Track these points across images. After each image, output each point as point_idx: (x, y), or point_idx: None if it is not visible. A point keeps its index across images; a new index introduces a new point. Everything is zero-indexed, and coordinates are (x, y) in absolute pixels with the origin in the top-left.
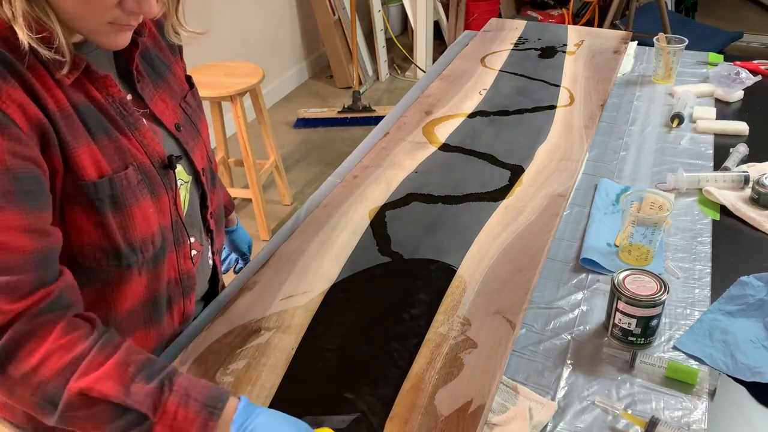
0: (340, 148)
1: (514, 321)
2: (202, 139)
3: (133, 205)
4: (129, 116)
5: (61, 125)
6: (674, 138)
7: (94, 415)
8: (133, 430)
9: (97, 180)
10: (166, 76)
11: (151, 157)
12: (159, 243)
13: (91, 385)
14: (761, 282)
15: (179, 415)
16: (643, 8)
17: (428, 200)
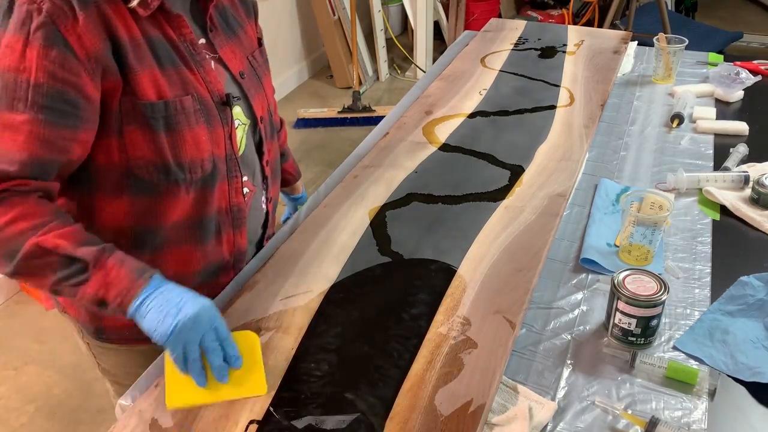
0: (340, 148)
1: (514, 321)
2: (264, 90)
3: (184, 129)
4: (196, 55)
5: (128, 51)
6: (674, 138)
7: (44, 264)
8: (73, 279)
9: (155, 101)
10: (238, 32)
11: (212, 92)
12: (209, 168)
13: (47, 239)
14: (761, 282)
15: (113, 271)
16: (643, 8)
17: (428, 200)
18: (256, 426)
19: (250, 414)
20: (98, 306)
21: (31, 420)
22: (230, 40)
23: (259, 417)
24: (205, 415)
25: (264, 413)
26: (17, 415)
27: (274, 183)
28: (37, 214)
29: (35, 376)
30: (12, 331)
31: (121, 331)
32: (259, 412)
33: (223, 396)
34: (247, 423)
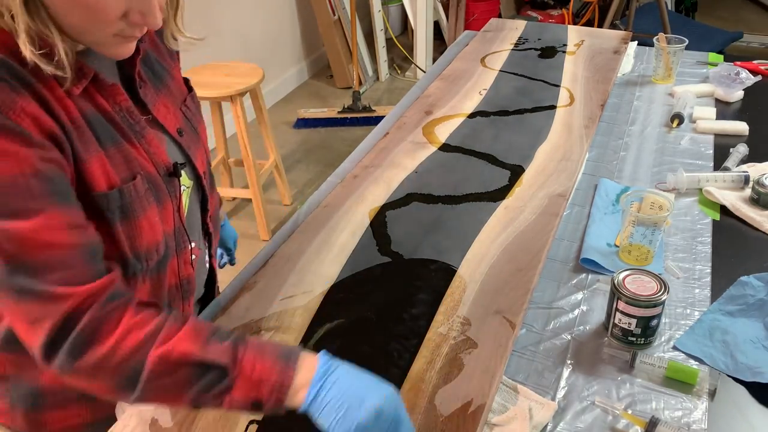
0: (340, 148)
1: (514, 321)
2: (202, 142)
3: (140, 215)
4: (136, 124)
5: (73, 137)
6: (674, 138)
7: (176, 380)
8: (215, 388)
9: (108, 191)
10: (167, 81)
11: (157, 165)
12: (163, 251)
13: (171, 349)
14: (761, 282)
15: (257, 366)
16: (643, 8)
17: (428, 200)
18: (256, 426)
19: (250, 414)
20: (252, 408)
21: None
22: (160, 92)
23: (259, 417)
24: (206, 415)
25: None
26: None
27: (216, 236)
28: (147, 319)
29: None
30: None
31: None
32: None
33: None
34: (247, 423)
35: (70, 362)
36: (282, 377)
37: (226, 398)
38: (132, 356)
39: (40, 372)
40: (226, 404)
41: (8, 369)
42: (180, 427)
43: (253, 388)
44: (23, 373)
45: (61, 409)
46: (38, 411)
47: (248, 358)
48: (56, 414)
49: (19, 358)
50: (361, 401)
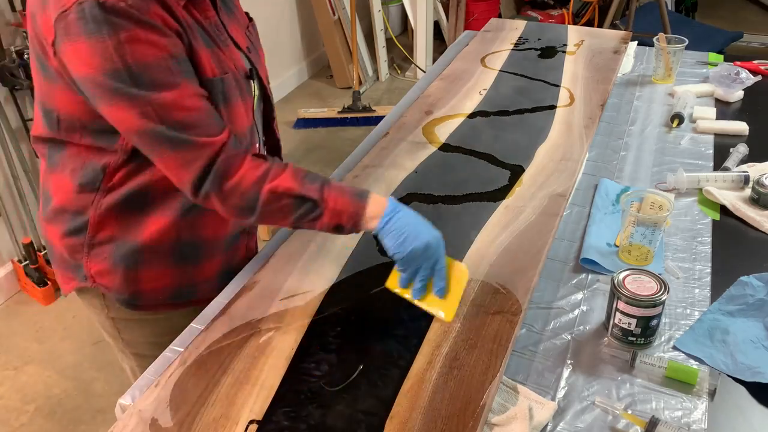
0: (340, 148)
1: (514, 321)
2: (262, 62)
3: (234, 102)
4: (221, 34)
5: (190, 33)
6: (674, 138)
7: (282, 207)
8: (309, 215)
9: (213, 78)
10: (234, 10)
11: (238, 68)
12: (248, 139)
13: (278, 184)
14: (761, 282)
15: (340, 201)
16: (643, 8)
17: (428, 200)
18: (256, 426)
19: (250, 414)
20: (336, 231)
21: (31, 420)
22: (231, 18)
23: (259, 417)
24: (205, 415)
25: (264, 413)
26: (17, 415)
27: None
28: (261, 164)
29: (35, 376)
30: (12, 331)
31: (156, 294)
32: (259, 412)
33: (419, 302)
34: (247, 423)
35: (213, 190)
36: (356, 208)
37: (318, 223)
38: (252, 188)
39: (140, 233)
40: (318, 226)
41: (116, 231)
42: (180, 427)
43: (335, 216)
44: (128, 234)
45: (154, 268)
46: (135, 269)
47: (332, 194)
48: (149, 273)
49: (128, 220)
50: (417, 234)
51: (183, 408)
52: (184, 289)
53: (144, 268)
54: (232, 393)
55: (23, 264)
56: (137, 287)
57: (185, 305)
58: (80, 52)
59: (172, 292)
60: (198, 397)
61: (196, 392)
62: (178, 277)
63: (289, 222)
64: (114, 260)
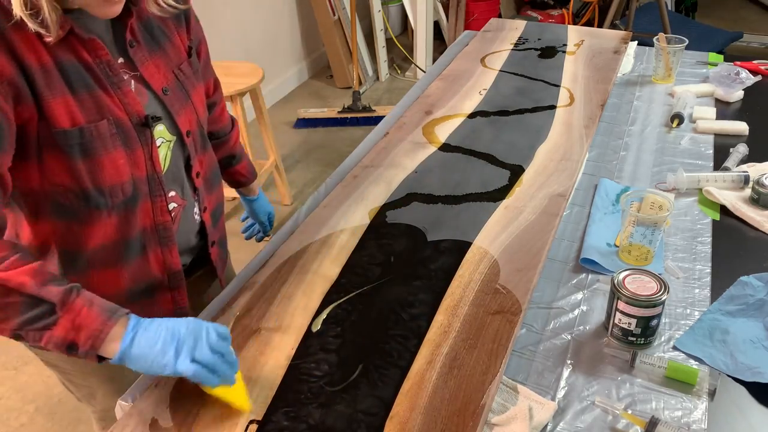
0: (340, 148)
1: (514, 321)
2: (192, 104)
3: (101, 154)
4: (113, 76)
5: (38, 79)
6: (674, 138)
7: (6, 304)
8: (40, 322)
9: (69, 128)
10: (164, 45)
11: (130, 114)
12: (130, 191)
13: (10, 277)
14: (761, 282)
15: (83, 312)
16: (643, 8)
17: (428, 200)
18: (256, 426)
19: (250, 414)
20: (68, 350)
21: (31, 420)
22: (154, 54)
23: (259, 417)
24: (205, 415)
25: (264, 413)
26: (17, 415)
27: (210, 193)
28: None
29: (35, 376)
30: None
31: None
32: (259, 412)
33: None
34: (247, 423)
35: None
36: (102, 327)
37: (47, 334)
38: None
39: None
40: (45, 340)
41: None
42: (180, 427)
43: (72, 330)
44: None
45: None
46: None
47: (78, 304)
48: None
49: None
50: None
51: (183, 408)
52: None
53: None
54: None
55: None
56: None
57: None
58: None
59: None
60: (198, 397)
61: (196, 392)
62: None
63: (11, 326)
64: None
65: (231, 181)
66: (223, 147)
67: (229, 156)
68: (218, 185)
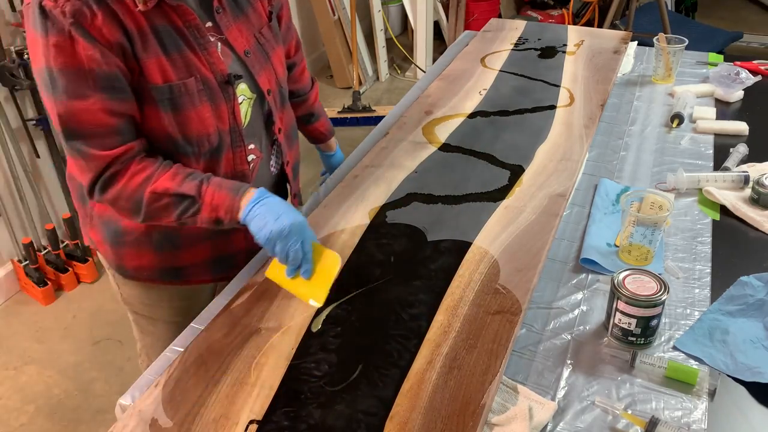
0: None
1: (514, 321)
2: (272, 65)
3: (188, 108)
4: (201, 38)
5: (136, 42)
6: (674, 138)
7: (163, 205)
8: (189, 211)
9: (160, 84)
10: (246, 11)
11: (215, 72)
12: (215, 142)
13: (158, 185)
14: (761, 282)
15: (216, 196)
16: (643, 8)
17: (428, 200)
18: (256, 426)
19: (250, 414)
20: (216, 224)
21: (31, 420)
22: (238, 19)
23: (259, 417)
24: (205, 415)
25: (264, 413)
26: (17, 415)
27: (290, 148)
28: (146, 168)
29: (35, 376)
30: (12, 331)
31: (138, 271)
32: (259, 412)
33: (291, 289)
34: (247, 423)
35: (101, 195)
36: (232, 203)
37: (198, 217)
38: (136, 192)
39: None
40: (199, 221)
41: (107, 210)
42: (180, 427)
43: (213, 210)
44: (114, 215)
45: (135, 250)
46: (120, 248)
47: (209, 191)
48: (132, 253)
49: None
50: (277, 217)
51: (183, 408)
52: (170, 271)
53: (127, 248)
54: (232, 393)
55: (23, 264)
56: (122, 262)
57: (175, 283)
58: (29, 43)
59: (156, 272)
60: (198, 397)
61: (196, 392)
62: (159, 261)
63: (173, 218)
64: (104, 235)
65: (310, 137)
66: (303, 105)
67: (308, 114)
68: (296, 141)
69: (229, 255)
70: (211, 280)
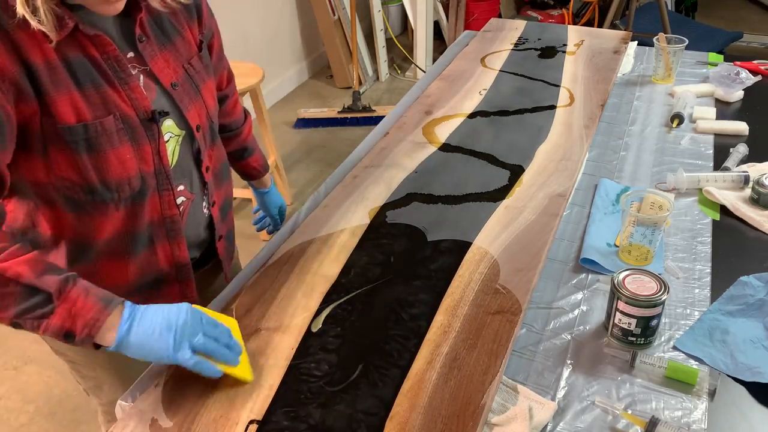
0: (340, 148)
1: (514, 321)
2: (202, 98)
3: (107, 149)
4: (121, 71)
5: (42, 76)
6: (674, 138)
7: (4, 294)
8: (37, 311)
9: (73, 124)
10: (174, 40)
11: (137, 109)
12: (137, 186)
13: (8, 267)
14: (761, 282)
15: (79, 302)
16: (643, 8)
17: (428, 200)
18: (256, 426)
19: (250, 414)
20: (65, 338)
21: (31, 420)
22: (164, 48)
23: (259, 417)
24: (205, 415)
25: (264, 413)
26: (17, 415)
27: (219, 187)
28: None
29: (35, 376)
30: (12, 331)
31: None
32: (259, 412)
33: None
34: (247, 423)
35: None
36: (98, 315)
37: (44, 322)
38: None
39: None
40: (43, 328)
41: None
42: (180, 428)
43: (69, 319)
44: None
45: None
46: None
47: (74, 293)
48: None
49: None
50: (168, 322)
51: (183, 408)
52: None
53: None
54: (232, 393)
55: None
56: None
57: None
58: None
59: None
60: (198, 397)
61: (196, 392)
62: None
63: (10, 315)
64: None
65: (243, 173)
66: (235, 140)
67: (241, 149)
68: (227, 179)
69: None
70: None
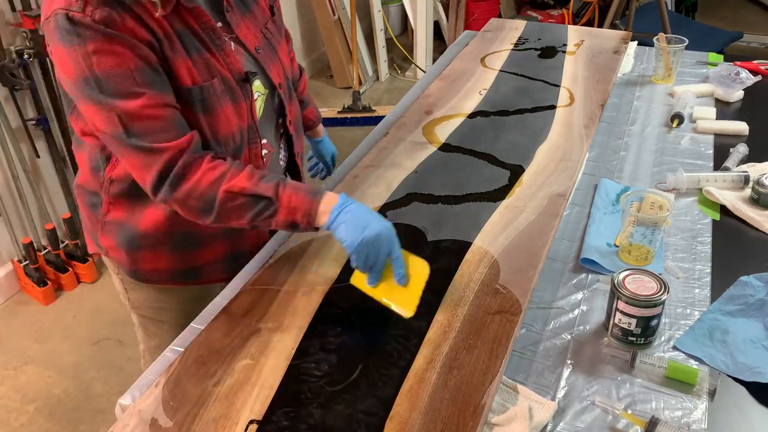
0: (340, 148)
1: (514, 321)
2: (279, 59)
3: (217, 108)
4: (216, 39)
5: (164, 43)
6: (674, 138)
7: (238, 206)
8: (265, 213)
9: (191, 86)
10: (252, 7)
11: (233, 72)
12: (238, 140)
13: (234, 184)
14: (761, 282)
15: (293, 199)
16: (643, 8)
17: (428, 200)
18: (256, 426)
19: (250, 414)
20: (292, 228)
21: (31, 420)
22: (245, 16)
23: (259, 417)
24: (205, 415)
25: (264, 413)
26: (17, 415)
27: (299, 138)
28: (218, 166)
29: (35, 376)
30: (12, 331)
31: (154, 274)
32: (259, 412)
33: (380, 296)
34: (247, 423)
35: (170, 193)
36: (310, 206)
37: (273, 220)
38: (208, 190)
39: (140, 221)
40: (274, 224)
41: (123, 216)
42: (180, 427)
43: (290, 214)
44: (131, 220)
45: (153, 253)
46: (136, 251)
47: (287, 192)
48: (149, 256)
49: (132, 208)
50: (367, 224)
51: (183, 408)
52: (186, 271)
53: (144, 252)
54: (232, 393)
55: (23, 264)
56: (138, 266)
57: (188, 284)
58: (58, 57)
59: (172, 273)
60: (198, 397)
61: (196, 392)
62: (176, 262)
63: (247, 220)
64: (119, 241)
65: None
66: None
67: (300, 102)
68: (302, 132)
69: (243, 252)
70: (223, 279)
